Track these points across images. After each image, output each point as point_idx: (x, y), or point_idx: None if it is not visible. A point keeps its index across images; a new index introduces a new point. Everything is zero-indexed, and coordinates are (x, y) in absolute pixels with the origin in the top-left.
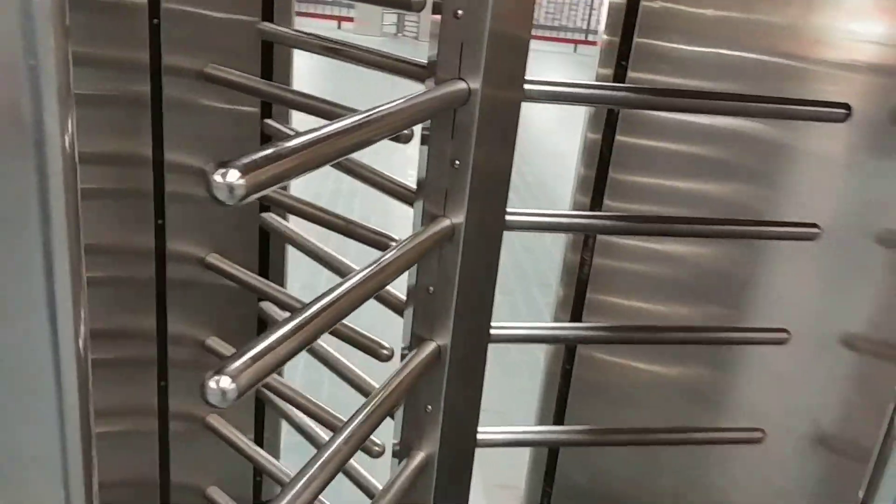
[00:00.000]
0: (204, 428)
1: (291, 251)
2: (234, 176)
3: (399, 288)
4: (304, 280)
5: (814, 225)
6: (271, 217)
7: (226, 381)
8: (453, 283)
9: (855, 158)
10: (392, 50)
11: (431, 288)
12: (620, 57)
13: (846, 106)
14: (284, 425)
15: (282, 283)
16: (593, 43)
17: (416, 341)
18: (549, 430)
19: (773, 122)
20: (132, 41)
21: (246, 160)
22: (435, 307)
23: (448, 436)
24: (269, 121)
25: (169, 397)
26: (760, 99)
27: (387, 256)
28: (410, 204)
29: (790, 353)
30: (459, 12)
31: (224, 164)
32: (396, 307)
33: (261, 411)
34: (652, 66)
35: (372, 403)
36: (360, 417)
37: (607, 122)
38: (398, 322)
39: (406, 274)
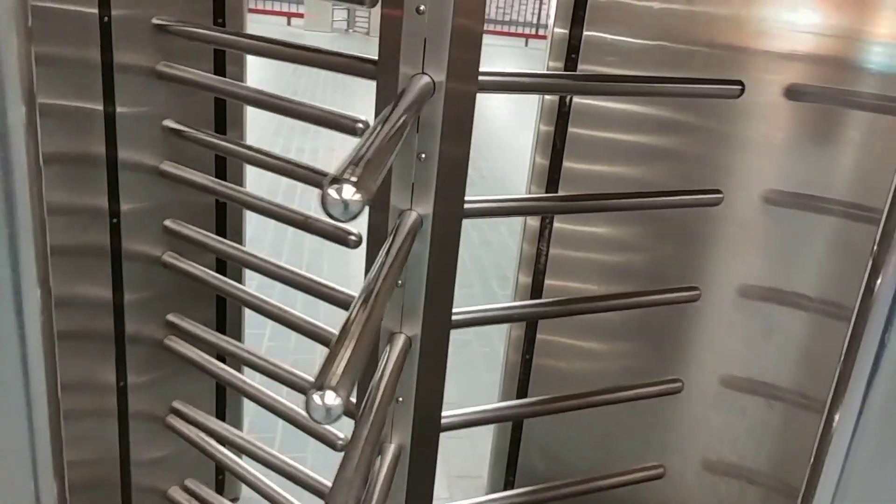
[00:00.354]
0: (165, 427)
1: (249, 246)
2: (349, 192)
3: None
4: (261, 276)
5: (717, 191)
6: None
7: (331, 397)
8: (422, 274)
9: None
10: (343, 46)
11: (400, 281)
12: (570, 50)
13: (740, 82)
14: (246, 422)
15: (239, 279)
16: (544, 37)
17: (386, 336)
18: (505, 406)
19: (711, 112)
20: (83, 39)
21: (354, 173)
22: (405, 300)
23: (417, 424)
24: (167, 122)
25: (129, 397)
26: (660, 80)
27: (383, 260)
28: None
29: (727, 318)
30: (422, 7)
31: (336, 179)
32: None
33: (222, 409)
34: (601, 58)
35: (374, 406)
36: (370, 419)
37: (559, 114)
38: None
39: (361, 271)
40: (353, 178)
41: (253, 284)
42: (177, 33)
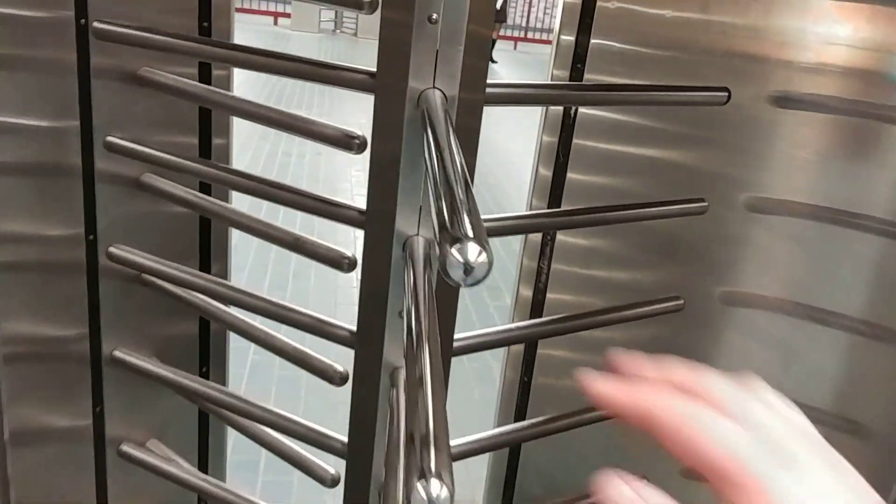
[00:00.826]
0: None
1: (235, 263)
2: (474, 253)
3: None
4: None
5: (700, 200)
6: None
7: (436, 486)
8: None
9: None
10: (330, 46)
11: (403, 311)
12: (576, 59)
13: (725, 89)
14: (231, 441)
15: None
16: (533, 40)
17: (387, 370)
18: (499, 433)
19: (727, 125)
20: (58, 44)
21: (472, 230)
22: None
23: None
24: (110, 138)
25: (105, 422)
26: (643, 88)
27: (414, 301)
28: (361, 226)
29: (740, 337)
30: (434, 16)
31: (456, 239)
32: (344, 339)
33: (205, 430)
34: (608, 67)
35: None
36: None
37: (563, 126)
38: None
39: (349, 279)
40: (470, 234)
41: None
42: (148, 44)
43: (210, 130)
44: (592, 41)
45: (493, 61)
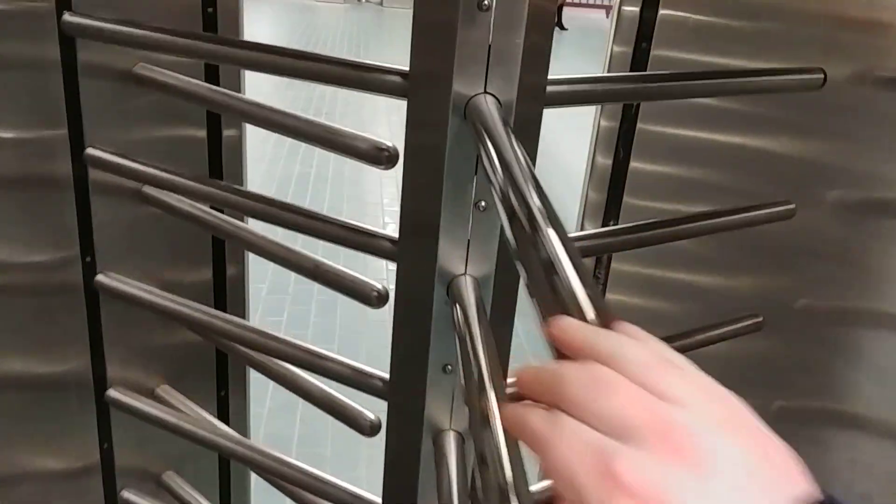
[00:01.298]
0: (158, 487)
1: (253, 268)
2: None
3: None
4: (264, 311)
5: (787, 202)
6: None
7: None
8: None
9: None
10: (356, 18)
11: (450, 366)
12: (641, 37)
13: (820, 70)
14: (253, 482)
15: (243, 314)
16: (569, 4)
17: (429, 432)
18: None
19: (807, 106)
20: (38, 38)
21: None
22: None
23: None
24: (93, 151)
25: (114, 460)
26: (722, 74)
27: (472, 360)
28: (392, 258)
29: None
30: (486, 2)
31: None
32: (377, 390)
33: (226, 470)
34: (677, 45)
35: None
36: None
37: (625, 114)
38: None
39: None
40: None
41: (256, 317)
42: (132, 42)
43: (220, 121)
44: (661, 12)
45: (564, 28)
